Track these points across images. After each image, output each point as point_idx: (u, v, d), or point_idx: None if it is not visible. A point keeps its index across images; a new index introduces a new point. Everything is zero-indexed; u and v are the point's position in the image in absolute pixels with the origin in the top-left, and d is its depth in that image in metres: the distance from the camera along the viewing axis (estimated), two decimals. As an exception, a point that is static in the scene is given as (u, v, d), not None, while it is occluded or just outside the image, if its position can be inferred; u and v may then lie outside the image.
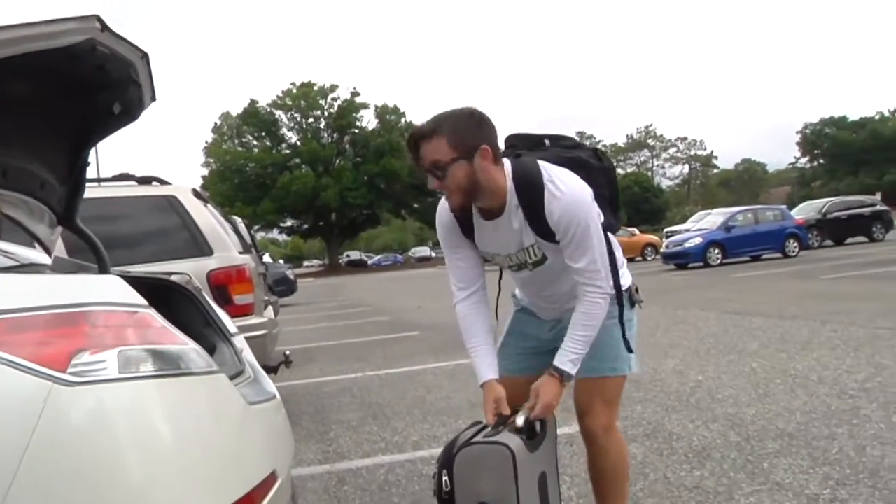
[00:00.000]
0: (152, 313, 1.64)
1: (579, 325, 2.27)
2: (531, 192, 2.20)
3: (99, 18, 1.79)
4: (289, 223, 65.94)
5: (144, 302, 1.64)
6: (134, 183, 4.95)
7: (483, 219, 2.31)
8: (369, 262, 77.18)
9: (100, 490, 1.42)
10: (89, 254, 3.72)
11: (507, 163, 2.26)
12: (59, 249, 4.32)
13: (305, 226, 65.98)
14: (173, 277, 2.66)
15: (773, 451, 3.60)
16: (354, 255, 79.76)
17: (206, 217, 4.74)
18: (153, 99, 2.28)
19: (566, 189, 2.18)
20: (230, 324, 2.65)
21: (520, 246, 2.32)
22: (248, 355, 2.51)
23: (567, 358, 2.27)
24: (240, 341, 2.57)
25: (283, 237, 68.91)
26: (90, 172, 2.73)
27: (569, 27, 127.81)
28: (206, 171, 61.73)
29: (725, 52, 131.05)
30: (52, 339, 1.47)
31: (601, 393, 2.43)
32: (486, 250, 2.41)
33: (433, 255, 64.05)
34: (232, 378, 1.93)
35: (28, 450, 1.37)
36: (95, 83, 2.07)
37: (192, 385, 1.64)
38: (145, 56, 2.06)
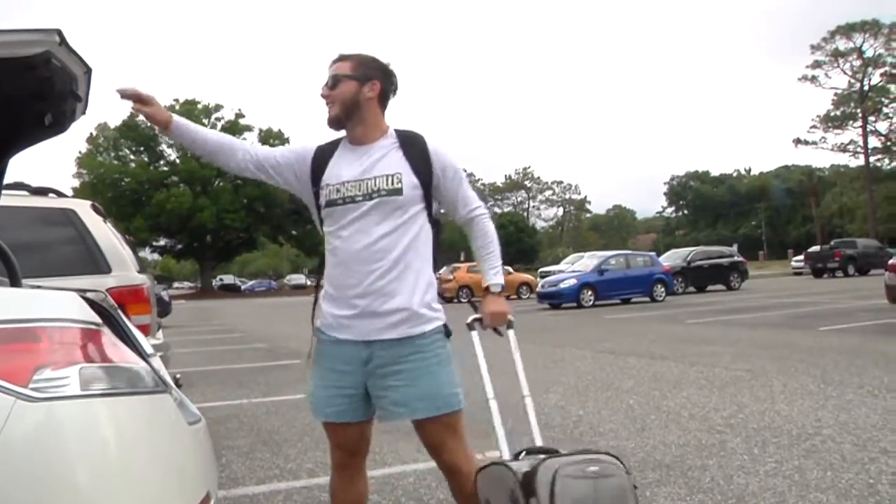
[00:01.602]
0: (106, 331, 1.68)
1: (482, 246, 2.55)
2: (416, 138, 2.46)
3: (59, 32, 1.83)
4: (162, 242, 63.45)
5: (99, 320, 1.67)
6: (26, 193, 4.76)
7: (350, 143, 2.46)
8: (243, 286, 75.29)
9: (58, 502, 1.44)
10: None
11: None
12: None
13: (179, 246, 63.66)
14: (88, 294, 2.63)
15: (654, 480, 3.88)
16: (228, 278, 77.57)
17: (105, 233, 4.62)
18: (84, 112, 2.30)
19: (440, 141, 2.48)
20: (147, 344, 2.65)
21: (379, 172, 2.38)
22: (166, 376, 2.52)
23: (490, 274, 2.54)
24: (157, 362, 2.58)
25: (154, 256, 66.04)
26: None
27: (452, 64, 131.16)
28: (76, 183, 58.62)
29: (605, 103, 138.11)
30: (11, 353, 1.48)
31: (448, 428, 2.46)
32: (332, 181, 2.41)
33: (309, 283, 63.16)
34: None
35: None
36: (37, 93, 2.08)
37: (144, 404, 1.68)
38: (89, 71, 2.09)
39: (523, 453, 2.28)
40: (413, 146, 2.43)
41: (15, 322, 1.52)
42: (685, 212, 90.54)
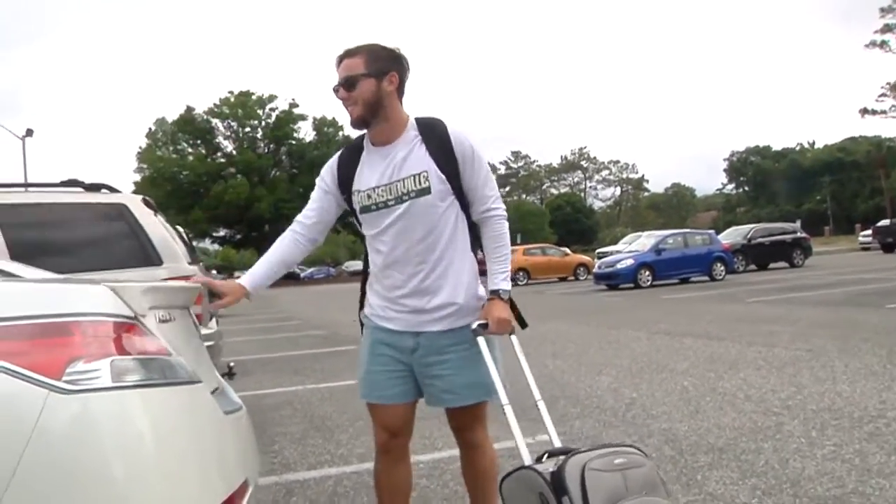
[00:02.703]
0: (138, 323, 1.70)
1: (493, 249, 2.48)
2: (436, 127, 2.42)
3: None
4: (221, 233, 64.82)
5: (132, 312, 1.70)
6: (81, 189, 4.90)
7: (373, 145, 2.45)
8: (302, 274, 76.37)
9: (91, 494, 1.47)
10: (34, 259, 3.71)
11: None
12: (3, 253, 4.27)
13: (238, 236, 64.91)
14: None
15: (706, 464, 3.80)
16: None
17: (157, 227, 4.72)
18: None
19: (459, 127, 2.45)
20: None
21: (406, 173, 2.38)
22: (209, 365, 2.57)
23: (499, 278, 2.47)
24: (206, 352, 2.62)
25: (214, 247, 67.56)
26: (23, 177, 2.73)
27: (506, 47, 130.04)
28: (138, 177, 60.24)
29: (659, 79, 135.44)
30: (46, 347, 1.52)
31: (479, 414, 2.60)
32: (362, 188, 2.45)
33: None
34: (205, 388, 1.99)
35: (24, 455, 1.42)
36: None
37: (177, 394, 1.71)
38: None
39: (545, 456, 2.22)
40: (435, 136, 2.40)
41: (48, 317, 1.56)
42: (746, 188, 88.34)
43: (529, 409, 2.54)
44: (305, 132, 63.27)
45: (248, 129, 62.94)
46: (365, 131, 2.46)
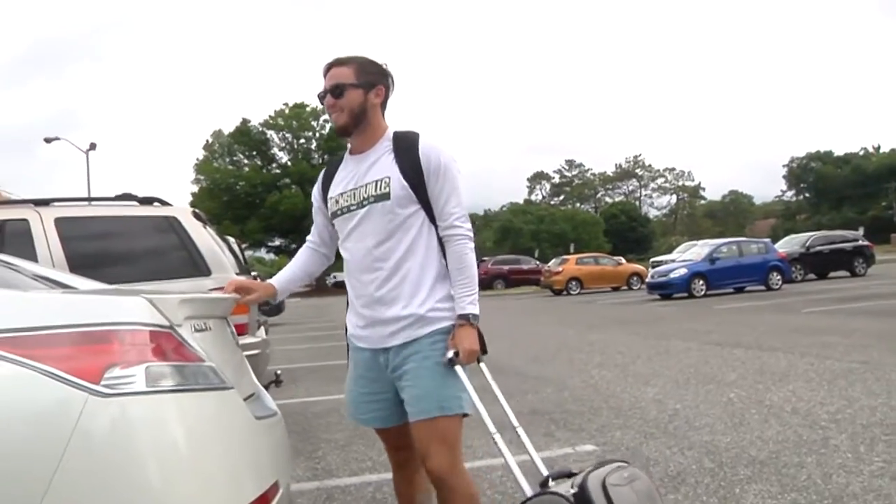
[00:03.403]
0: (173, 332, 1.80)
1: (456, 271, 2.36)
2: (408, 138, 2.41)
3: None
4: (277, 242, 65.95)
5: (167, 322, 1.80)
6: (135, 203, 5.11)
7: (350, 153, 2.50)
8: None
9: (126, 491, 1.57)
10: (91, 269, 3.89)
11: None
12: (61, 265, 4.48)
13: (293, 245, 65.90)
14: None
15: (745, 477, 3.76)
16: (342, 276, 79.67)
17: (205, 238, 4.89)
18: None
19: (433, 139, 2.41)
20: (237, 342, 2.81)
21: (369, 178, 2.39)
22: (251, 373, 2.67)
23: (465, 302, 2.34)
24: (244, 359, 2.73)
25: (270, 256, 68.81)
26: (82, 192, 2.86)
27: (560, 55, 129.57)
28: (195, 188, 61.80)
29: (716, 85, 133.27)
30: (86, 354, 1.63)
31: (436, 433, 2.32)
32: (334, 194, 2.48)
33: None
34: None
35: (65, 453, 1.53)
36: None
37: (208, 399, 1.80)
38: None
39: (549, 481, 2.19)
40: (405, 146, 2.39)
41: (89, 326, 1.67)
42: (807, 195, 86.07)
43: (571, 414, 2.57)
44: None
45: (302, 141, 64.00)
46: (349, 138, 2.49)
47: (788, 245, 25.18)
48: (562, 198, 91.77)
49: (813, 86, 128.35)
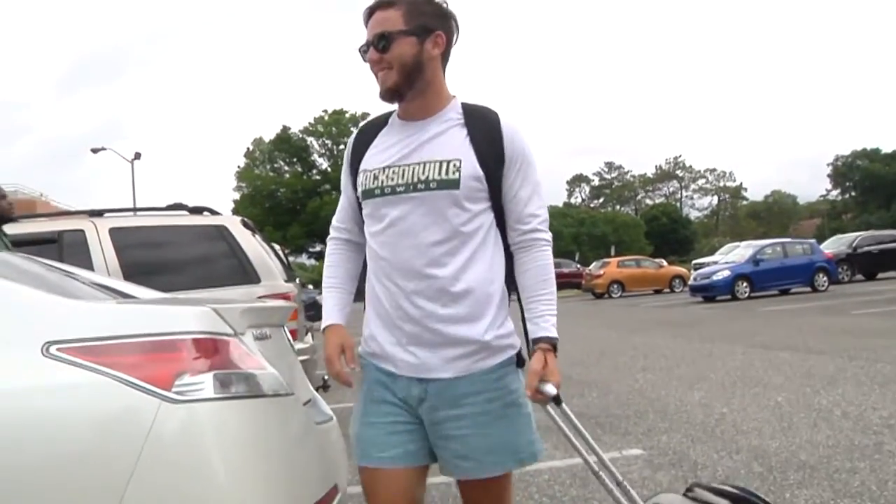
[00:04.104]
0: (238, 340, 1.88)
1: (539, 283, 1.87)
2: (487, 114, 1.90)
3: None
4: (318, 248, 66.65)
5: (232, 331, 1.87)
6: (186, 213, 5.25)
7: (400, 118, 1.94)
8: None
9: (196, 496, 1.65)
10: (144, 277, 4.01)
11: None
12: (116, 273, 4.63)
13: (334, 251, 66.52)
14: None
15: (795, 482, 3.74)
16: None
17: (255, 246, 5.02)
18: None
19: (519, 124, 1.91)
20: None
21: (432, 155, 1.84)
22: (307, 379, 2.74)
23: (549, 322, 1.85)
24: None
25: (311, 262, 69.56)
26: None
27: (597, 58, 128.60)
28: (237, 195, 62.79)
29: (756, 83, 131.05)
30: (157, 361, 1.71)
31: (500, 491, 1.93)
32: (371, 166, 1.90)
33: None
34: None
35: (139, 458, 1.61)
36: None
37: (272, 405, 1.87)
38: None
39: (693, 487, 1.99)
40: (483, 124, 1.87)
41: (160, 335, 1.75)
42: (853, 193, 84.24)
43: (617, 418, 2.57)
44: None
45: (341, 146, 64.47)
46: (396, 106, 1.94)
47: (835, 245, 24.69)
48: (601, 200, 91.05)
49: (857, 81, 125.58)
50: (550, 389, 1.81)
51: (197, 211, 5.20)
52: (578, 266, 37.86)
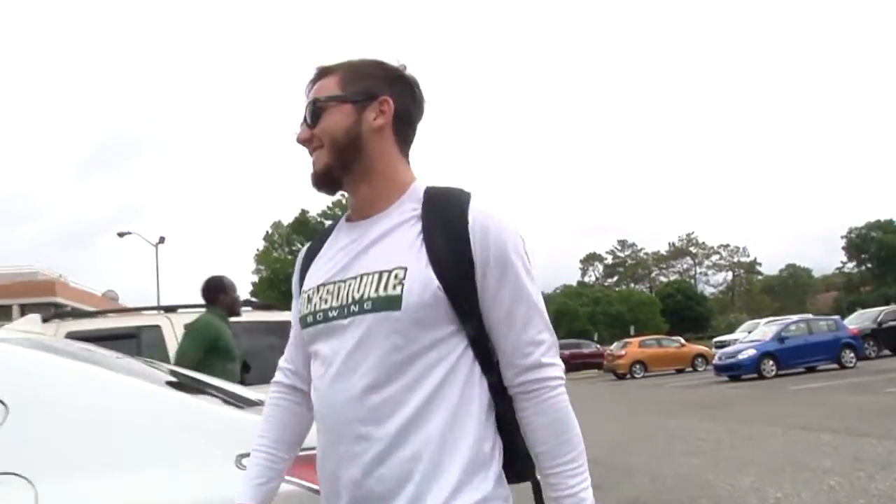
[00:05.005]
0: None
1: (557, 443, 1.33)
2: (451, 199, 1.38)
3: None
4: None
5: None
6: (250, 308, 5.51)
7: (348, 220, 1.48)
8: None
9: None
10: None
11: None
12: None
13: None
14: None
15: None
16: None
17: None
18: None
19: (495, 205, 1.38)
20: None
21: (368, 266, 1.35)
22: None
23: (578, 489, 1.31)
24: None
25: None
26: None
27: (606, 136, 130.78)
28: (256, 278, 63.34)
29: (766, 157, 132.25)
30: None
31: None
32: (308, 286, 1.45)
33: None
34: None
35: None
36: None
37: None
38: None
39: None
40: (443, 214, 1.36)
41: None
42: (868, 265, 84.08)
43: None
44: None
45: (358, 230, 65.49)
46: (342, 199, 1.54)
47: (859, 321, 24.61)
48: (615, 278, 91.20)
49: (868, 152, 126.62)
50: None
51: (265, 307, 5.45)
52: (598, 346, 37.72)
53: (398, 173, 1.43)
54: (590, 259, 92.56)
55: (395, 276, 1.31)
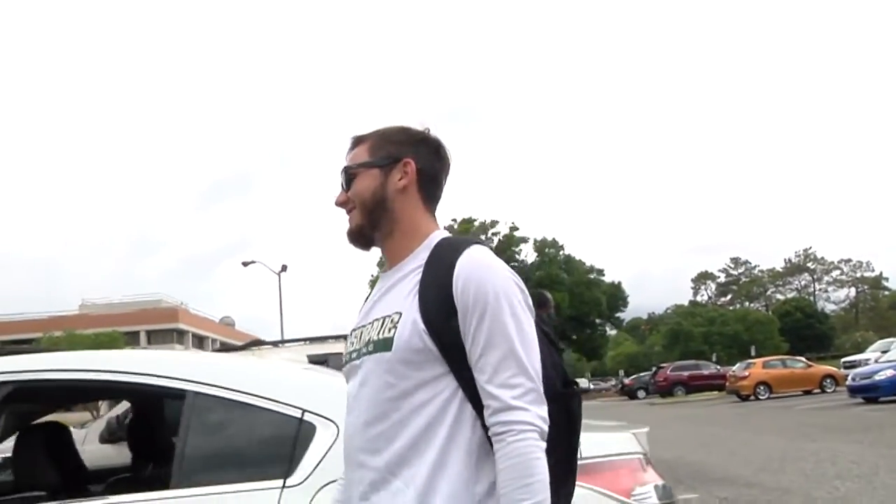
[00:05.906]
0: (647, 457, 2.48)
1: (515, 491, 1.36)
2: (448, 252, 1.51)
3: None
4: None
5: (644, 451, 2.48)
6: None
7: (382, 270, 1.67)
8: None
9: None
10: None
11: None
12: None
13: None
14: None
15: None
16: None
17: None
18: None
19: (485, 255, 1.50)
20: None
21: (378, 313, 1.54)
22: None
23: None
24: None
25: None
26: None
27: (718, 152, 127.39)
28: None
29: (887, 165, 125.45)
30: (622, 476, 2.32)
31: None
32: (350, 329, 1.66)
33: (591, 387, 63.29)
34: None
35: None
36: None
37: None
38: None
39: None
40: (438, 264, 1.49)
41: (620, 455, 2.34)
42: None
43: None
44: (527, 254, 64.94)
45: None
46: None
47: None
48: (729, 297, 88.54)
49: None
50: None
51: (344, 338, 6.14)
52: (718, 367, 36.96)
53: (420, 227, 1.59)
54: (702, 278, 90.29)
55: (391, 321, 1.49)
